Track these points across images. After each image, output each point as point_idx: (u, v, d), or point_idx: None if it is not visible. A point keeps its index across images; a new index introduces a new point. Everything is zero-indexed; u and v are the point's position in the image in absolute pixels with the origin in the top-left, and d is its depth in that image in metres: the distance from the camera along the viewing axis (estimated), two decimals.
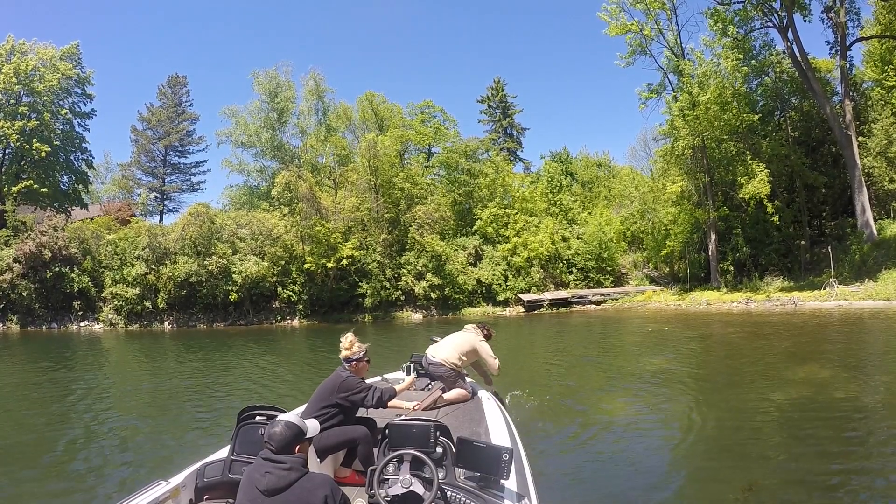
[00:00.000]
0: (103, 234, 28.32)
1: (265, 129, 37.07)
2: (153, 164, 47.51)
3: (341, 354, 4.27)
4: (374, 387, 4.25)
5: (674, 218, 29.57)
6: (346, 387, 4.08)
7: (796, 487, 5.14)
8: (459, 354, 5.84)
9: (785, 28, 25.62)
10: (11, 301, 26.47)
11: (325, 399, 4.06)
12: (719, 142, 26.69)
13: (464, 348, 5.92)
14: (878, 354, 12.29)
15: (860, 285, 21.28)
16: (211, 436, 7.45)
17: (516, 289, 28.88)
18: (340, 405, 4.05)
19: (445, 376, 5.63)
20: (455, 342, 5.99)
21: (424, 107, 36.24)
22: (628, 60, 28.16)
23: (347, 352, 4.27)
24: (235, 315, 27.36)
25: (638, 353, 13.99)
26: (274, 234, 27.68)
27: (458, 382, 5.61)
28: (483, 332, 6.25)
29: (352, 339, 4.32)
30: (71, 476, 6.26)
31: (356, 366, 4.27)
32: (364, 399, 4.14)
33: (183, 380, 12.75)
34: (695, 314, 22.04)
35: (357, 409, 4.23)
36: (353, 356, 4.27)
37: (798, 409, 7.60)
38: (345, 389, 4.07)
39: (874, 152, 27.02)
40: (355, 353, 4.28)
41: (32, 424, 8.77)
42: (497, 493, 3.25)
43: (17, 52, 30.89)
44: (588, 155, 46.13)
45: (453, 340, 6.03)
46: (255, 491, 2.51)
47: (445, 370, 5.66)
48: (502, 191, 32.55)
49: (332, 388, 4.10)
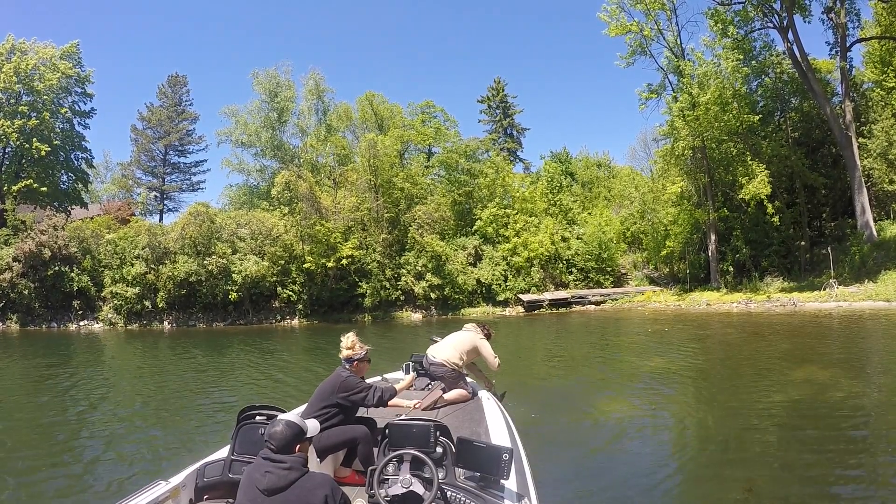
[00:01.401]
0: (103, 233, 28.31)
1: (265, 128, 37.06)
2: (153, 164, 47.51)
3: (342, 354, 4.26)
4: (375, 386, 4.25)
5: (674, 218, 29.55)
6: (347, 386, 4.07)
7: (796, 488, 5.14)
8: (460, 354, 5.83)
9: (785, 29, 25.63)
10: (11, 300, 26.44)
11: (326, 399, 4.05)
12: (719, 142, 26.68)
13: (464, 347, 5.91)
14: (877, 355, 12.30)
15: (860, 286, 21.29)
16: (210, 435, 7.45)
17: (516, 289, 28.87)
18: (341, 405, 4.04)
19: (447, 377, 5.63)
20: (455, 341, 5.98)
21: (425, 107, 36.26)
22: (628, 61, 28.16)
23: (349, 351, 4.25)
24: (235, 315, 27.35)
25: (638, 354, 13.99)
26: (274, 233, 27.67)
27: (459, 383, 5.60)
28: (483, 331, 6.24)
29: (353, 339, 4.31)
30: (70, 476, 6.25)
31: (357, 366, 4.27)
32: (364, 399, 4.13)
33: (182, 379, 12.75)
34: (694, 315, 22.05)
35: (357, 408, 4.23)
36: (355, 356, 4.26)
37: (798, 410, 7.61)
38: (345, 389, 4.06)
39: (874, 153, 27.01)
40: (357, 353, 4.27)
41: (30, 424, 8.76)
42: (497, 493, 3.24)
43: (17, 51, 30.86)
44: (588, 155, 46.22)
45: (454, 340, 6.01)
46: (255, 490, 2.50)
47: (447, 370, 5.66)
48: (502, 191, 32.54)
49: (332, 387, 4.09)
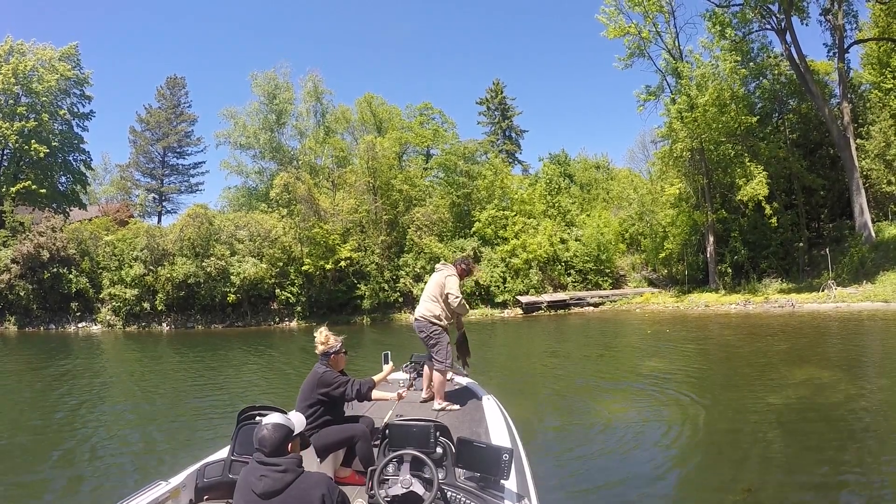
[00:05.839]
0: (101, 235, 28.28)
1: (264, 130, 37.10)
2: (151, 166, 47.50)
3: (317, 350, 4.27)
4: (352, 379, 4.23)
5: (672, 220, 29.57)
6: (325, 382, 4.07)
7: (795, 489, 5.15)
8: (433, 300, 5.37)
9: (783, 30, 25.71)
10: (9, 302, 26.41)
11: (308, 397, 4.05)
12: (717, 144, 26.71)
13: (435, 291, 5.38)
14: (876, 356, 12.32)
15: (858, 287, 21.32)
16: (210, 435, 7.44)
17: (514, 291, 28.84)
18: (324, 401, 4.05)
19: (427, 331, 5.30)
20: (428, 291, 5.50)
21: (423, 109, 36.35)
22: (627, 63, 28.23)
23: (324, 346, 4.26)
24: (233, 316, 27.32)
25: (636, 355, 14.00)
26: (272, 235, 27.67)
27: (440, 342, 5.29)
28: (459, 266, 5.60)
29: (326, 334, 4.33)
30: (69, 477, 6.24)
31: (335, 358, 4.27)
32: (344, 393, 4.12)
33: (181, 380, 12.73)
34: (693, 316, 22.07)
35: (342, 403, 4.23)
36: (331, 349, 4.26)
37: (796, 411, 7.61)
38: (324, 384, 4.06)
39: (872, 154, 27.07)
40: (332, 345, 4.28)
41: (28, 425, 8.73)
42: (497, 493, 3.24)
43: (16, 52, 30.87)
44: (586, 157, 46.36)
45: (427, 289, 5.55)
46: (252, 495, 2.48)
47: (423, 324, 5.33)
48: (501, 192, 32.53)
49: (312, 384, 4.09)
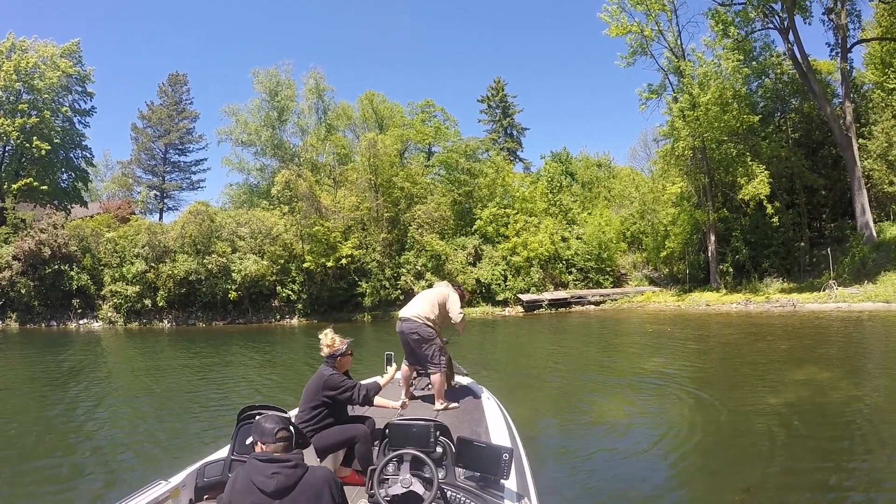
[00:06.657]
0: (103, 231, 28.30)
1: (265, 127, 37.03)
2: (153, 162, 47.57)
3: (323, 352, 4.25)
4: (358, 384, 4.23)
5: (673, 219, 29.56)
6: (331, 385, 4.06)
7: (795, 489, 5.15)
8: (431, 305, 5.44)
9: (786, 30, 25.63)
10: (10, 298, 26.44)
11: (313, 399, 4.05)
12: (719, 143, 26.69)
13: (436, 299, 5.51)
14: (877, 356, 12.30)
15: (859, 287, 21.28)
16: (211, 434, 7.45)
17: (515, 289, 28.85)
18: (328, 403, 4.04)
19: (421, 333, 5.26)
20: (426, 295, 5.61)
21: (425, 106, 36.27)
22: (629, 61, 28.15)
23: (329, 349, 4.25)
24: (235, 314, 27.36)
25: (637, 354, 14.00)
26: (273, 232, 27.68)
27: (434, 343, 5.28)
28: (457, 289, 5.82)
29: (332, 336, 4.30)
30: (69, 476, 6.25)
31: (341, 360, 4.26)
32: (350, 398, 4.12)
33: (182, 378, 12.73)
34: (694, 315, 22.05)
35: (346, 406, 4.22)
36: (337, 352, 4.25)
37: (796, 411, 7.60)
38: (330, 387, 4.06)
39: (874, 154, 27.02)
40: (338, 348, 4.26)
41: (28, 423, 8.74)
42: (497, 493, 3.24)
43: (18, 49, 30.88)
44: (588, 155, 46.24)
45: (425, 294, 5.66)
46: (260, 495, 2.42)
47: (418, 325, 5.28)
48: (502, 191, 32.55)
49: (317, 386, 4.09)
